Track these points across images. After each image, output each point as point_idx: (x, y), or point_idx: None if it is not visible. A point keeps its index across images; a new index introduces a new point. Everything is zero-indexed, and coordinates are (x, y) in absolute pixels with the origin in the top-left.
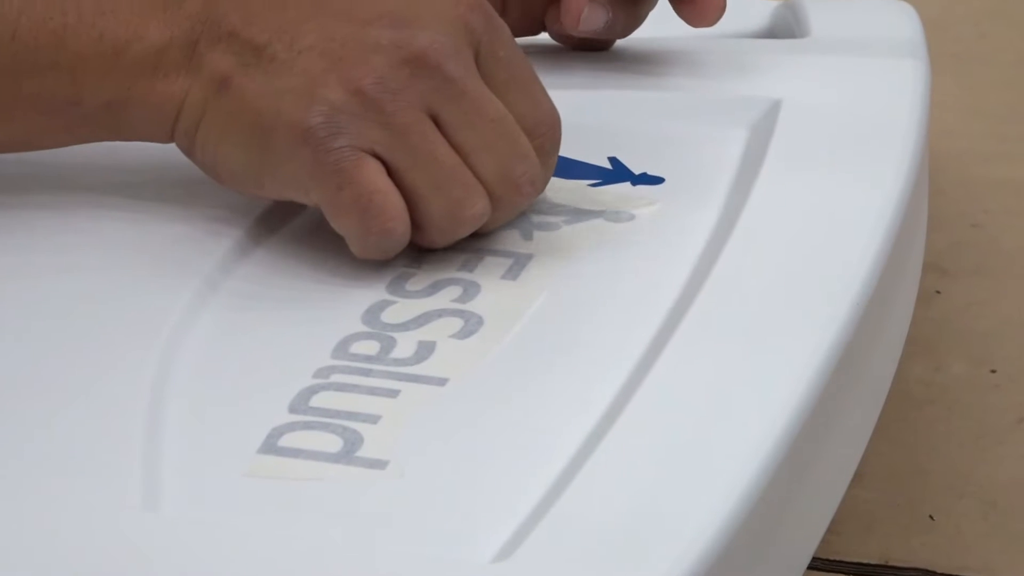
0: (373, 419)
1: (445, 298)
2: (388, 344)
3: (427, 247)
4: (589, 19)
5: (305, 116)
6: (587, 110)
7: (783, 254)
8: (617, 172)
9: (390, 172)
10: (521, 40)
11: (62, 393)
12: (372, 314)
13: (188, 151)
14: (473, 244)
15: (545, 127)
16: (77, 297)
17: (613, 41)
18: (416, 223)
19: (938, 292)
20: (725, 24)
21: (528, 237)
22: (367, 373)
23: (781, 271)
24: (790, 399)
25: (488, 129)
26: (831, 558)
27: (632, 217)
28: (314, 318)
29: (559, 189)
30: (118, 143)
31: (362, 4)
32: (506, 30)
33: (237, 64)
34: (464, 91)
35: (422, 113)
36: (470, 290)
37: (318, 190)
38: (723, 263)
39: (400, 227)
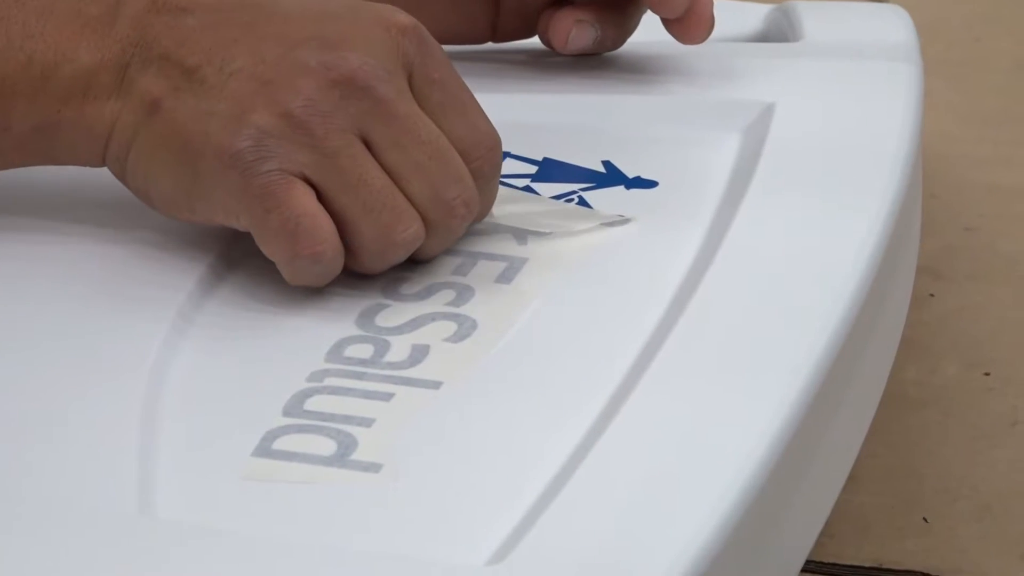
0: (367, 422)
1: (439, 302)
2: (382, 347)
3: (361, 272)
4: (577, 39)
5: (233, 140)
6: (581, 114)
7: (776, 258)
8: (611, 176)
9: (320, 196)
10: (515, 43)
11: (56, 401)
12: (366, 317)
13: (120, 176)
14: (467, 248)
15: (483, 149)
16: (60, 316)
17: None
18: (348, 248)
19: (932, 295)
20: (719, 28)
21: (522, 241)
22: (361, 376)
23: (774, 275)
24: (784, 402)
25: (420, 151)
26: (825, 561)
27: (626, 221)
28: (308, 322)
29: (540, 212)
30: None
31: (293, 26)
32: (440, 52)
33: (168, 87)
34: (395, 113)
35: (352, 136)
36: (464, 294)
37: (247, 214)
38: (717, 266)
39: (329, 251)
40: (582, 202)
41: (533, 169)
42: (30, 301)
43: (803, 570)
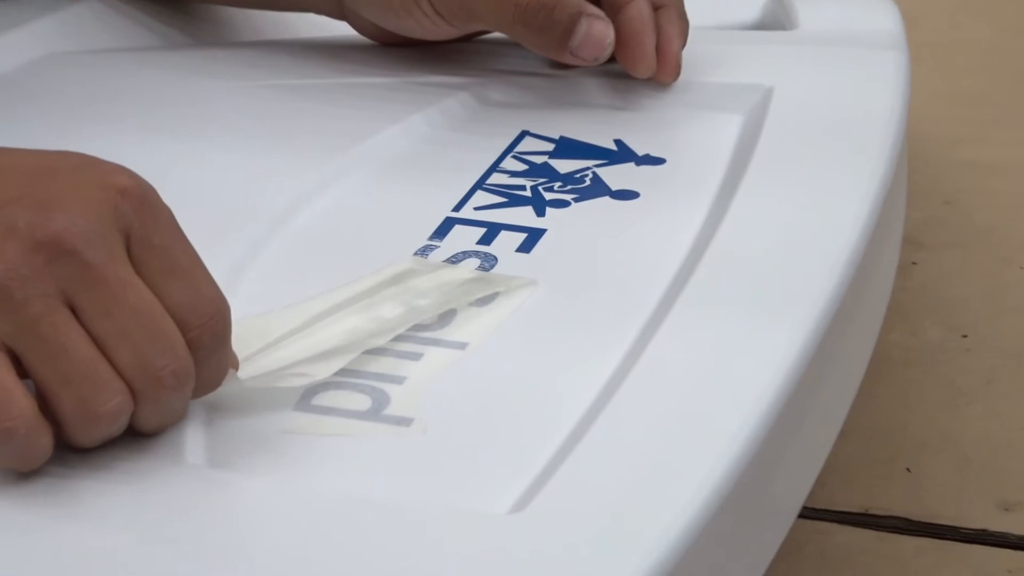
0: (399, 380)
1: (466, 268)
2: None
3: (74, 447)
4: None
5: None
6: (594, 95)
7: (775, 228)
8: (622, 153)
9: (21, 366)
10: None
11: None
12: None
13: None
14: (488, 219)
15: (204, 317)
16: None
17: None
18: (54, 422)
19: (914, 263)
20: (719, 16)
21: (541, 213)
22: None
23: (774, 244)
24: (785, 361)
25: (127, 318)
26: (817, 507)
27: (637, 195)
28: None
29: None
30: None
31: (6, 183)
32: (166, 215)
33: None
34: (103, 278)
35: (56, 301)
36: (488, 261)
37: None
38: (721, 236)
39: (23, 427)
40: (596, 177)
41: (551, 147)
42: None
43: (798, 516)
